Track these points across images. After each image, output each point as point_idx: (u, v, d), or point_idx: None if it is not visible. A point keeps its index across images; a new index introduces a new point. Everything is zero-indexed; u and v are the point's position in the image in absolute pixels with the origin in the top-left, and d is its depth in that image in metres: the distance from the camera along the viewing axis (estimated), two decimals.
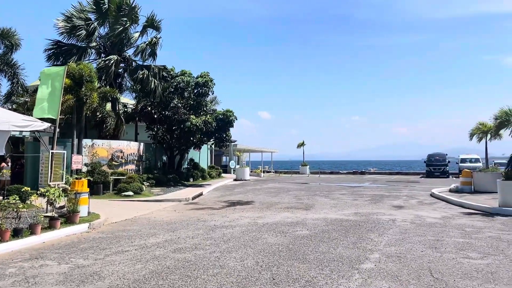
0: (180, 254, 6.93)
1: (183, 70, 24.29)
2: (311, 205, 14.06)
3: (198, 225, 9.95)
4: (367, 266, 6.15)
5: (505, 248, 7.31)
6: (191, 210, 13.10)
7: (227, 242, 7.88)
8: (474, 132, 21.02)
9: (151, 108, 23.84)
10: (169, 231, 9.15)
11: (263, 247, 7.42)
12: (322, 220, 10.70)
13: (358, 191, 20.31)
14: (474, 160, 34.45)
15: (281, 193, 18.77)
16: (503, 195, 12.38)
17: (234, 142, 36.06)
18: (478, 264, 6.27)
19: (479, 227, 9.55)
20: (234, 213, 12.13)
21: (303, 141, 46.08)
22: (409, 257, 6.69)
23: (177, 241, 8.03)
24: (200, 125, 22.77)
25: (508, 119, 13.97)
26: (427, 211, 12.52)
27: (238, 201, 15.59)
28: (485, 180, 18.37)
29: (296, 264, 6.26)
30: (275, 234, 8.76)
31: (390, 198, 16.61)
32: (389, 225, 9.96)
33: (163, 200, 15.48)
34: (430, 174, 35.09)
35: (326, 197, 17.11)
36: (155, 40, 22.03)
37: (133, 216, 11.59)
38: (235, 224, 10.05)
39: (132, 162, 20.39)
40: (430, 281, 5.44)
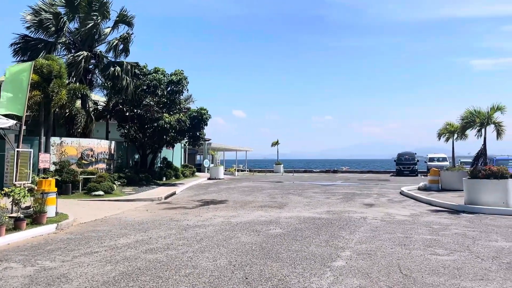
0: (151, 255, 6.82)
1: (156, 68, 23.92)
2: (284, 204, 14.15)
3: (171, 225, 9.82)
4: (339, 264, 6.24)
5: (470, 245, 7.59)
6: (163, 209, 12.92)
7: (200, 242, 7.81)
8: (442, 132, 21.72)
9: (123, 106, 23.36)
10: (141, 231, 8.98)
11: (236, 246, 7.40)
12: (295, 219, 10.78)
13: (330, 189, 20.60)
14: (441, 159, 35.62)
15: (255, 192, 18.80)
16: (468, 193, 12.85)
17: (208, 140, 35.85)
18: (445, 260, 6.47)
19: (446, 224, 9.87)
20: (208, 212, 12.05)
21: (277, 140, 46.34)
22: (379, 254, 6.83)
23: (149, 242, 7.90)
24: (174, 123, 22.49)
25: (474, 120, 14.50)
26: (396, 209, 12.83)
27: (211, 200, 15.50)
28: (451, 179, 19.04)
29: (269, 263, 6.27)
30: (249, 233, 8.76)
31: (361, 196, 16.94)
32: (360, 223, 10.15)
33: (134, 199, 15.20)
34: (400, 172, 36.06)
35: (299, 195, 17.26)
36: (127, 36, 21.58)
37: (103, 216, 11.31)
38: (209, 224, 9.98)
39: (102, 161, 19.91)
40: (399, 277, 5.57)
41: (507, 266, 6.09)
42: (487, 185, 12.31)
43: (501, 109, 14.07)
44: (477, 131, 14.54)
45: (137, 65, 22.55)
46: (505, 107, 14.13)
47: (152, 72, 23.44)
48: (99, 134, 22.60)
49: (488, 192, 12.24)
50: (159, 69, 23.81)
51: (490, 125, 14.26)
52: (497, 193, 12.17)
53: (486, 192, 12.27)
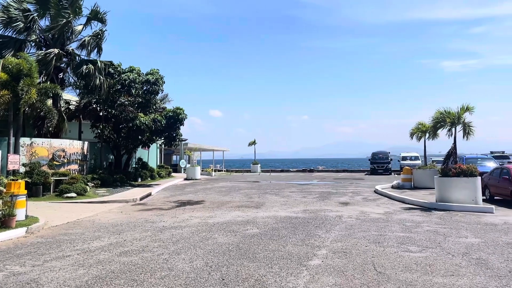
0: (126, 258, 6.69)
1: (131, 67, 23.49)
2: (261, 203, 14.18)
3: (146, 227, 9.67)
4: (315, 263, 6.29)
5: (441, 241, 7.81)
6: (138, 211, 12.71)
7: (176, 244, 7.72)
8: (414, 132, 22.28)
9: (96, 106, 22.86)
10: (115, 234, 8.80)
11: (213, 247, 7.36)
12: (272, 218, 10.81)
13: (307, 188, 20.79)
14: (414, 158, 36.53)
15: (232, 192, 18.76)
16: (439, 190, 13.23)
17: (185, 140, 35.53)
18: (417, 257, 6.64)
19: (418, 222, 10.13)
20: (184, 213, 11.93)
21: (254, 140, 46.42)
22: (354, 253, 6.93)
23: (123, 244, 7.74)
24: (149, 123, 22.18)
25: (444, 120, 14.90)
26: (371, 207, 13.07)
27: (188, 201, 15.36)
28: (423, 177, 19.57)
29: (246, 263, 6.26)
30: (226, 233, 8.72)
31: (337, 195, 17.17)
32: (336, 221, 10.28)
33: (108, 201, 14.89)
34: (374, 171, 36.76)
35: (276, 195, 17.34)
36: (100, 33, 21.09)
37: (76, 218, 11.03)
38: (185, 225, 9.89)
39: (75, 162, 19.40)
40: (374, 275, 5.67)
41: (476, 262, 6.30)
42: (457, 183, 12.70)
43: (470, 110, 14.51)
44: (448, 130, 14.94)
45: (111, 63, 22.09)
46: (473, 108, 14.58)
47: (127, 71, 23.01)
48: (72, 134, 22.01)
49: (458, 189, 12.64)
50: (134, 68, 23.41)
51: (459, 125, 14.68)
52: (467, 191, 12.59)
53: (457, 189, 12.66)
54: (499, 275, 5.60)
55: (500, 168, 15.35)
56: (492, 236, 8.26)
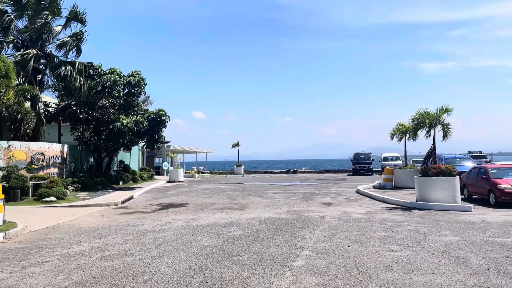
0: (107, 262, 6.58)
1: (112, 68, 23.18)
2: (245, 205, 14.17)
3: (128, 230, 9.54)
4: (298, 264, 6.32)
5: (421, 240, 7.95)
6: (120, 214, 12.53)
7: (158, 247, 7.64)
8: (394, 132, 22.62)
9: (76, 108, 22.46)
10: (96, 238, 8.66)
11: (196, 250, 7.31)
12: (256, 220, 10.82)
13: (290, 189, 20.87)
14: (395, 158, 37.11)
15: (216, 194, 18.69)
16: (419, 190, 13.47)
17: (167, 143, 35.24)
18: (398, 256, 6.74)
19: (399, 221, 10.29)
20: (167, 216, 11.82)
21: (237, 142, 46.36)
22: (337, 253, 6.99)
23: (105, 248, 7.62)
24: (131, 125, 21.92)
25: (424, 121, 15.16)
26: (353, 207, 13.22)
27: (171, 204, 15.23)
28: (404, 177, 19.90)
29: (230, 266, 6.25)
30: (209, 236, 8.68)
31: (320, 195, 17.29)
32: (319, 222, 10.35)
33: (89, 205, 14.63)
34: (356, 172, 37.19)
35: (260, 196, 17.36)
36: (80, 34, 20.74)
37: (56, 223, 10.80)
38: (168, 228, 9.79)
39: (54, 165, 19.01)
40: (356, 274, 5.73)
41: (455, 260, 6.43)
42: (436, 182, 12.96)
43: (449, 111, 14.81)
44: (427, 131, 15.21)
45: (91, 65, 21.76)
46: (452, 109, 14.88)
47: (108, 72, 22.70)
48: (51, 137, 21.57)
49: (438, 189, 12.89)
50: (115, 69, 23.10)
51: (438, 126, 14.97)
52: (446, 190, 12.85)
53: (436, 189, 12.92)
54: (477, 273, 5.73)
55: (477, 167, 15.73)
56: (470, 234, 8.45)
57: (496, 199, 13.04)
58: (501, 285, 5.17)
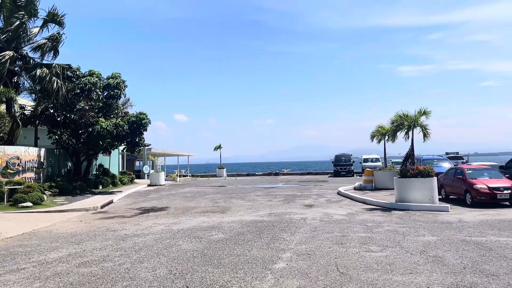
0: (85, 268, 6.45)
1: (91, 70, 22.78)
2: (227, 208, 14.12)
3: (107, 236, 9.37)
4: (280, 266, 6.33)
5: (400, 240, 8.08)
6: (99, 219, 12.30)
7: (138, 252, 7.53)
8: (374, 134, 22.96)
9: (53, 111, 21.97)
10: (74, 244, 8.47)
11: (177, 254, 7.24)
12: (237, 223, 10.79)
13: (272, 192, 20.92)
14: (375, 160, 37.63)
15: (198, 197, 18.56)
16: (399, 191, 13.70)
17: (148, 146, 34.83)
18: (378, 256, 6.83)
19: (379, 222, 10.43)
20: (147, 221, 11.67)
21: (219, 144, 46.25)
22: (318, 254, 7.04)
23: (83, 254, 7.46)
24: (111, 128, 21.55)
25: (402, 123, 15.45)
26: (334, 209, 13.33)
27: (152, 208, 15.04)
28: (384, 178, 20.19)
29: (211, 269, 6.21)
30: (190, 239, 8.61)
31: (301, 197, 17.38)
32: (300, 224, 10.40)
33: (67, 210, 14.31)
34: (337, 173, 37.55)
35: (242, 199, 17.33)
36: (57, 36, 20.31)
37: (32, 229, 10.52)
38: (148, 232, 9.67)
39: (31, 170, 18.52)
40: (337, 275, 5.77)
41: (433, 259, 6.56)
42: (415, 183, 13.21)
43: (427, 113, 15.13)
44: (406, 133, 15.49)
45: (69, 67, 21.31)
46: (430, 111, 15.20)
47: (86, 74, 22.29)
48: (27, 141, 21.00)
49: (416, 190, 13.14)
50: (94, 71, 22.71)
51: (417, 128, 15.26)
52: (424, 191, 13.11)
53: (415, 190, 13.16)
54: (454, 272, 5.86)
55: (454, 168, 16.11)
56: (447, 234, 8.64)
57: (472, 199, 13.38)
58: (477, 284, 5.30)
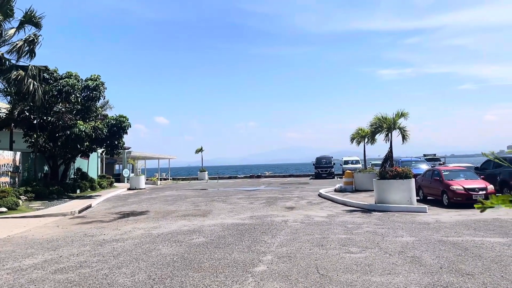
0: (61, 275, 6.29)
1: (69, 72, 22.35)
2: (208, 211, 14.03)
3: (85, 241, 9.18)
4: (260, 269, 6.32)
5: (379, 241, 8.18)
6: (77, 224, 12.04)
7: (117, 257, 7.40)
8: (354, 137, 23.24)
9: (30, 113, 21.41)
10: (50, 250, 8.26)
11: (157, 259, 7.14)
12: (219, 226, 10.73)
13: (254, 194, 20.91)
14: (355, 162, 38.07)
15: (178, 201, 18.39)
16: (378, 192, 13.89)
17: (128, 149, 34.37)
18: (357, 258, 6.90)
19: (359, 223, 10.55)
20: (127, 225, 11.48)
21: (201, 147, 45.93)
22: (298, 256, 7.06)
23: (59, 261, 7.28)
24: (89, 131, 21.17)
25: (381, 125, 15.68)
26: (315, 211, 13.42)
27: (131, 212, 14.82)
28: (364, 180, 20.44)
29: (191, 274, 6.15)
30: (170, 244, 8.51)
31: (283, 200, 17.43)
32: (281, 226, 10.42)
33: (44, 215, 13.96)
34: (319, 175, 37.84)
35: (223, 202, 17.25)
36: (34, 38, 19.83)
37: (6, 235, 10.21)
38: (127, 237, 9.51)
39: (5, 174, 18.01)
40: (317, 277, 5.80)
41: (411, 260, 6.67)
42: (394, 185, 13.42)
43: (405, 115, 15.40)
44: (385, 135, 15.72)
45: (46, 68, 20.84)
46: (408, 113, 15.47)
47: (64, 76, 21.86)
48: (2, 144, 20.44)
49: (395, 191, 13.36)
50: (72, 73, 22.29)
51: (395, 130, 15.50)
52: (403, 192, 13.34)
53: (393, 191, 13.38)
54: (431, 272, 5.96)
55: (432, 170, 16.44)
56: (425, 234, 8.80)
57: (449, 199, 13.68)
58: (453, 283, 5.41)
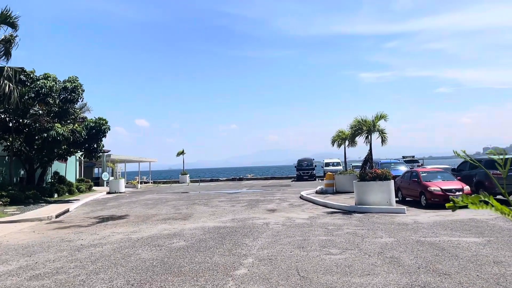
0: (37, 282, 6.12)
1: (46, 74, 21.84)
2: (189, 215, 13.92)
3: (62, 246, 8.96)
4: (241, 272, 6.30)
5: (359, 242, 8.27)
6: (54, 229, 11.76)
7: (95, 263, 7.25)
8: (335, 139, 23.47)
9: (5, 116, 20.83)
10: (25, 256, 8.04)
11: (136, 264, 7.03)
12: (200, 229, 10.65)
13: (236, 197, 20.85)
14: (336, 164, 38.45)
15: (159, 205, 18.18)
16: (358, 194, 14.06)
17: (107, 152, 33.80)
18: (337, 259, 6.95)
19: (339, 225, 10.64)
20: (105, 230, 11.28)
21: (182, 150, 45.58)
22: (279, 259, 7.07)
23: (35, 267, 7.09)
24: (67, 134, 20.72)
25: (361, 128, 15.89)
26: (296, 213, 13.47)
27: (110, 216, 14.57)
28: (344, 182, 20.66)
29: (170, 278, 6.07)
30: (150, 248, 8.40)
31: (265, 202, 17.45)
32: (263, 229, 10.42)
33: (19, 220, 13.57)
34: (300, 177, 38.05)
35: (205, 205, 17.14)
36: (10, 38, 19.34)
37: None
38: (106, 242, 9.34)
39: None
40: (297, 280, 5.82)
41: (390, 260, 6.76)
42: (373, 186, 13.61)
43: (384, 118, 15.64)
44: (365, 138, 15.93)
45: (22, 70, 20.36)
46: (387, 116, 15.71)
47: (41, 78, 21.34)
48: None
49: (375, 192, 13.54)
50: (49, 75, 21.78)
51: (375, 132, 15.72)
52: (382, 194, 13.53)
53: (373, 193, 13.56)
54: (409, 272, 6.06)
55: (410, 171, 16.73)
56: (403, 235, 8.94)
57: (427, 200, 13.94)
58: (430, 283, 5.50)
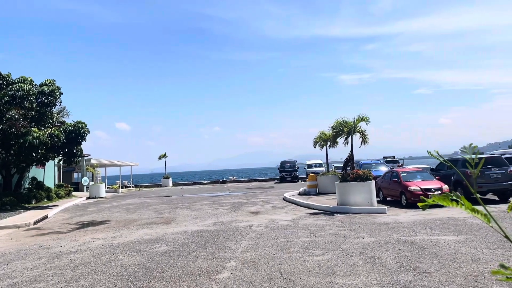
0: None
1: (22, 77, 21.33)
2: (172, 219, 13.78)
3: (40, 254, 8.75)
4: (224, 275, 6.27)
5: (341, 243, 8.34)
6: (32, 236, 11.46)
7: (74, 270, 7.10)
8: (317, 141, 23.65)
9: None
10: (2, 264, 7.81)
11: (117, 270, 6.92)
12: (182, 233, 10.56)
13: (219, 200, 20.75)
14: (318, 165, 38.71)
15: (141, 209, 17.94)
16: (340, 195, 14.19)
17: (87, 156, 33.20)
18: (320, 260, 6.99)
19: (322, 226, 10.71)
20: (85, 236, 11.06)
21: (164, 153, 45.12)
22: (262, 261, 7.06)
23: (12, 275, 6.89)
24: (45, 139, 20.24)
25: (342, 129, 16.07)
26: (279, 215, 13.50)
27: (91, 222, 14.30)
28: (327, 183, 20.83)
29: (152, 284, 6.00)
30: (132, 254, 8.27)
31: (248, 204, 17.42)
32: (246, 231, 10.40)
33: None
34: (283, 179, 38.18)
35: (187, 209, 17.00)
36: None
37: None
38: (86, 248, 9.16)
39: None
40: (280, 281, 5.82)
41: (371, 260, 6.84)
42: (355, 187, 13.76)
43: (365, 120, 15.85)
44: (346, 139, 16.11)
45: None
46: (368, 118, 15.92)
47: (17, 81, 20.83)
48: None
49: (356, 193, 13.69)
50: (26, 78, 21.29)
51: (356, 134, 15.92)
52: (364, 194, 13.70)
53: (355, 193, 13.71)
54: (390, 271, 6.14)
55: (390, 172, 16.99)
56: (385, 235, 9.07)
57: (407, 200, 14.18)
58: (411, 281, 5.59)
